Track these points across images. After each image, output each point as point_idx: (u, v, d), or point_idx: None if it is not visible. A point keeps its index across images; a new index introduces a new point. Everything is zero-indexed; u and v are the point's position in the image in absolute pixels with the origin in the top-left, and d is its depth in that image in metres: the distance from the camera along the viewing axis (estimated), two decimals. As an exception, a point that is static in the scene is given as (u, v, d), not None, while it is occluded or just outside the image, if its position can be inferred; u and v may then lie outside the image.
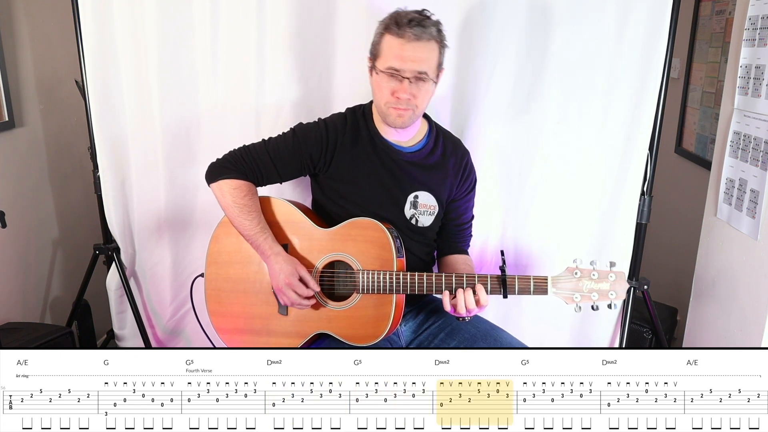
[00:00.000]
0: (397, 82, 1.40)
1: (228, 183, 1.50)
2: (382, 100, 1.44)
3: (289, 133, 1.55)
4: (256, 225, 1.48)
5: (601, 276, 1.33)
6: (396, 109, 1.43)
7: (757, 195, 1.55)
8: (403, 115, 1.44)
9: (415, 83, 1.40)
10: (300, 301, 1.45)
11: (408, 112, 1.44)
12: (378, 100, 1.46)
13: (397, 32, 1.37)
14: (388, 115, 1.45)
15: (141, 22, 1.82)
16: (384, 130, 1.54)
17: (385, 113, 1.46)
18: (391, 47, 1.39)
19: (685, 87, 2.71)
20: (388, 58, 1.40)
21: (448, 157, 1.58)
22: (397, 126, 1.47)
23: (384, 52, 1.41)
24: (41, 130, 2.29)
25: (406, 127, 1.49)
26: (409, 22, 1.36)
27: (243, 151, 1.53)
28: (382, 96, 1.44)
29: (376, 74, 1.44)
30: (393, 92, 1.41)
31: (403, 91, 1.40)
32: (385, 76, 1.41)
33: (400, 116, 1.44)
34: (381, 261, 1.43)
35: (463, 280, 1.38)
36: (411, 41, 1.37)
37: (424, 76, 1.40)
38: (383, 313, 1.43)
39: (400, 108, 1.43)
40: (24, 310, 2.20)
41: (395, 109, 1.43)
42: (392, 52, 1.39)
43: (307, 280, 1.45)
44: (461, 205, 1.63)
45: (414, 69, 1.39)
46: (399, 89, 1.40)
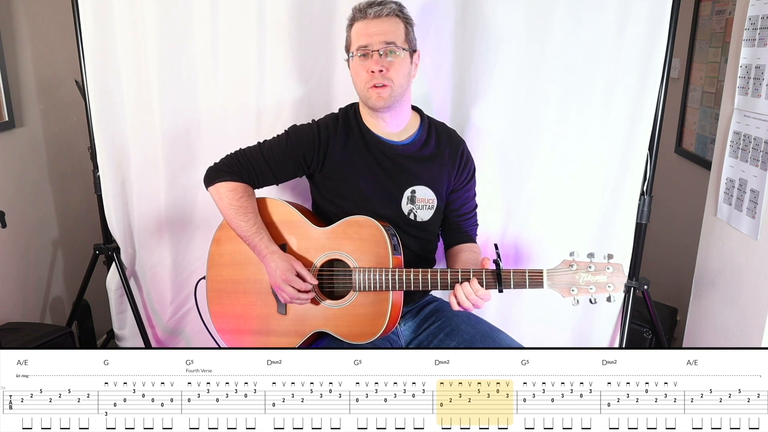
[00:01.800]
0: (368, 58, 1.45)
1: (225, 186, 1.52)
2: (361, 83, 1.48)
3: (283, 135, 1.57)
4: (252, 226, 1.50)
5: (598, 268, 1.31)
6: (374, 88, 1.46)
7: (757, 195, 1.55)
8: (382, 93, 1.46)
9: (385, 56, 1.45)
10: (298, 295, 1.46)
11: (386, 90, 1.46)
12: (358, 86, 1.50)
13: (360, 16, 1.47)
14: (369, 97, 1.48)
15: (141, 22, 1.82)
16: (373, 124, 1.55)
17: (366, 96, 1.48)
18: (358, 30, 1.47)
19: (685, 87, 2.71)
20: (357, 40, 1.47)
21: (442, 147, 1.59)
22: (379, 107, 1.48)
23: (353, 39, 1.48)
24: (41, 130, 2.29)
25: (389, 107, 1.49)
26: (370, 5, 1.46)
27: (239, 154, 1.55)
28: (360, 79, 1.48)
29: (352, 63, 1.49)
30: (367, 69, 1.45)
31: (375, 63, 1.44)
32: (358, 58, 1.46)
33: (379, 96, 1.46)
34: (377, 258, 1.44)
35: (458, 276, 1.38)
36: (373, 19, 1.45)
37: (392, 47, 1.45)
38: (380, 310, 1.43)
39: (377, 86, 1.45)
40: (24, 310, 2.20)
41: (374, 89, 1.46)
42: (359, 33, 1.47)
43: (304, 275, 1.46)
44: (462, 195, 1.63)
45: (380, 40, 1.44)
46: (371, 63, 1.45)
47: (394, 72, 1.45)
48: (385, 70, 1.44)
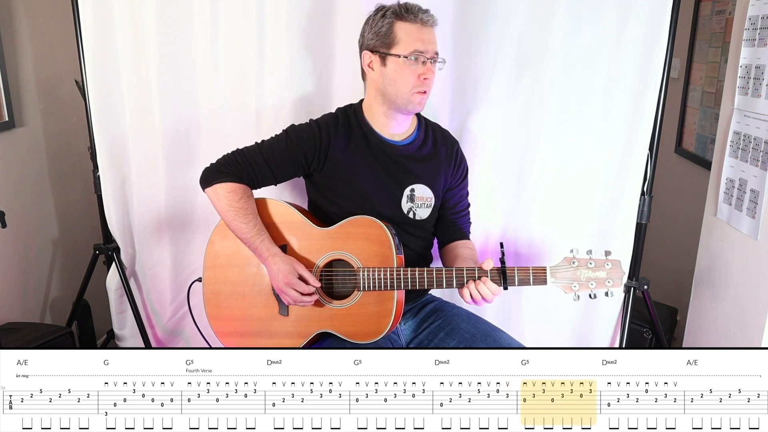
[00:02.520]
0: (421, 64, 1.45)
1: (223, 187, 1.50)
2: (407, 87, 1.47)
3: (282, 135, 1.56)
4: (253, 227, 1.49)
5: (597, 264, 1.35)
6: (420, 93, 1.48)
7: (757, 195, 1.55)
8: (423, 100, 1.50)
9: (432, 65, 1.47)
10: (301, 298, 1.45)
11: (425, 97, 1.50)
12: (401, 88, 1.48)
13: (411, 18, 1.45)
14: (411, 101, 1.49)
15: (141, 22, 1.82)
16: (381, 125, 1.56)
17: (408, 101, 1.49)
18: (410, 32, 1.45)
19: (685, 87, 2.71)
20: (410, 43, 1.45)
21: (439, 147, 1.61)
22: (415, 111, 1.53)
23: (403, 39, 1.45)
24: (41, 130, 2.29)
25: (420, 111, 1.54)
26: (420, 10, 1.46)
27: (237, 155, 1.54)
28: (407, 83, 1.47)
29: (393, 63, 1.47)
30: (419, 75, 1.46)
31: (430, 71, 1.47)
32: (409, 61, 1.45)
33: (421, 102, 1.50)
34: (381, 258, 1.44)
35: (464, 274, 1.39)
36: (426, 26, 1.46)
37: (436, 58, 1.48)
38: (385, 309, 1.44)
39: (421, 92, 1.48)
40: (24, 310, 2.20)
41: (419, 94, 1.48)
42: (412, 36, 1.45)
43: (307, 277, 1.46)
44: (457, 193, 1.65)
45: (433, 50, 1.47)
46: (426, 71, 1.46)
47: (432, 80, 1.49)
48: (429, 79, 1.48)
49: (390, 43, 1.46)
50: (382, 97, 1.52)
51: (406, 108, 1.50)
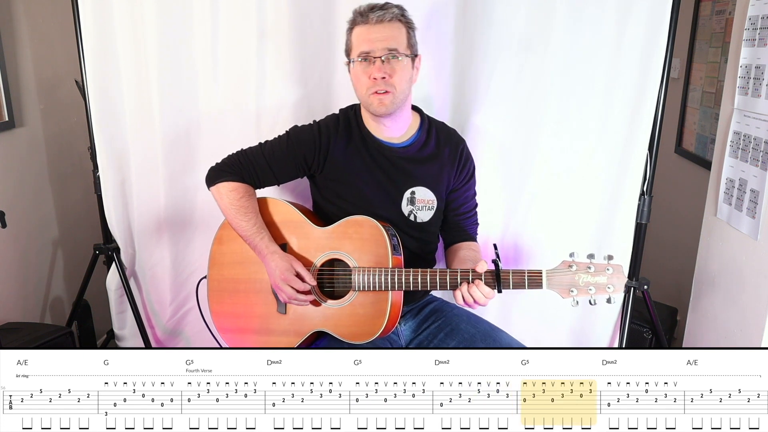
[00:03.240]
0: (370, 64, 1.44)
1: (226, 186, 1.53)
2: (362, 89, 1.47)
3: (284, 136, 1.57)
4: (253, 226, 1.50)
5: (597, 269, 1.31)
6: (376, 94, 1.45)
7: (757, 195, 1.55)
8: (384, 100, 1.45)
9: (388, 62, 1.44)
10: (296, 296, 1.46)
11: (388, 96, 1.45)
12: (359, 91, 1.49)
13: (362, 20, 1.46)
14: (370, 104, 1.47)
15: (141, 22, 1.82)
16: (374, 128, 1.55)
17: (368, 102, 1.48)
18: (359, 35, 1.46)
19: (685, 87, 2.71)
20: (358, 45, 1.45)
21: (442, 147, 1.59)
22: (381, 114, 1.48)
23: (354, 43, 1.47)
24: (41, 130, 2.29)
25: (390, 113, 1.49)
26: (371, 9, 1.45)
27: (240, 155, 1.56)
28: (361, 85, 1.47)
29: (352, 68, 1.48)
30: (369, 75, 1.44)
31: (377, 70, 1.43)
32: (359, 63, 1.45)
33: (381, 102, 1.45)
34: (377, 258, 1.44)
35: (458, 276, 1.38)
36: (375, 24, 1.44)
37: (395, 53, 1.44)
38: (379, 310, 1.43)
39: (379, 92, 1.45)
40: (24, 310, 2.20)
41: (375, 95, 1.45)
42: (361, 38, 1.45)
43: (303, 275, 1.46)
44: (461, 194, 1.64)
45: (383, 47, 1.43)
46: (373, 70, 1.44)
47: (396, 78, 1.44)
48: (387, 77, 1.43)
49: (348, 50, 1.50)
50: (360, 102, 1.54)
51: (369, 110, 1.50)
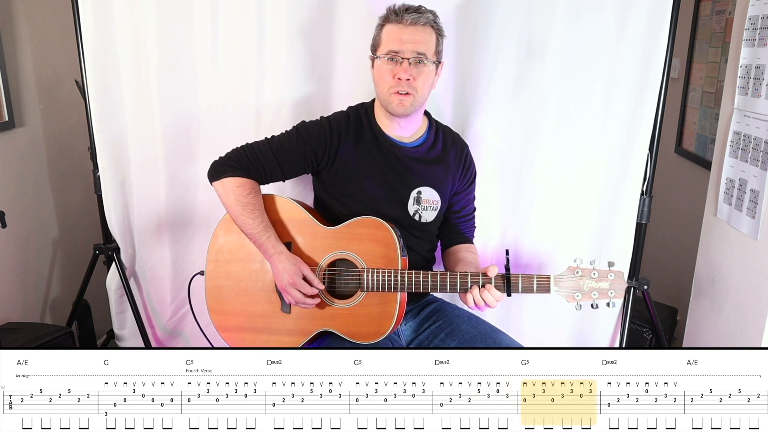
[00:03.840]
0: (397, 64, 1.44)
1: (231, 181, 1.50)
2: (384, 87, 1.47)
3: (292, 131, 1.56)
4: (259, 224, 1.49)
5: (601, 275, 1.37)
6: (397, 94, 1.45)
7: (757, 195, 1.55)
8: (404, 101, 1.46)
9: (415, 65, 1.44)
10: (304, 300, 1.45)
11: (408, 98, 1.46)
12: (380, 88, 1.49)
13: (396, 19, 1.45)
14: (390, 102, 1.47)
15: (141, 22, 1.82)
16: (386, 126, 1.55)
17: (388, 101, 1.48)
18: (390, 33, 1.45)
19: (685, 87, 2.71)
20: (387, 44, 1.45)
21: (448, 150, 1.60)
22: (399, 114, 1.49)
23: (384, 40, 1.46)
24: (41, 130, 2.29)
25: (408, 114, 1.50)
26: (407, 9, 1.45)
27: (246, 149, 1.53)
28: (384, 83, 1.46)
29: (376, 64, 1.48)
30: (394, 74, 1.44)
31: (404, 71, 1.43)
32: (386, 61, 1.45)
33: (401, 103, 1.46)
34: (386, 260, 1.44)
35: (467, 278, 1.40)
36: (409, 25, 1.44)
37: (422, 57, 1.44)
38: (387, 311, 1.44)
39: (401, 93, 1.45)
40: (24, 310, 2.20)
41: (397, 95, 1.45)
42: (391, 36, 1.45)
43: (311, 279, 1.46)
44: (464, 197, 1.65)
45: (413, 50, 1.43)
46: (399, 70, 1.44)
47: (420, 82, 1.45)
48: (412, 79, 1.44)
49: (376, 45, 1.49)
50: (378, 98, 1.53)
51: (387, 109, 1.50)
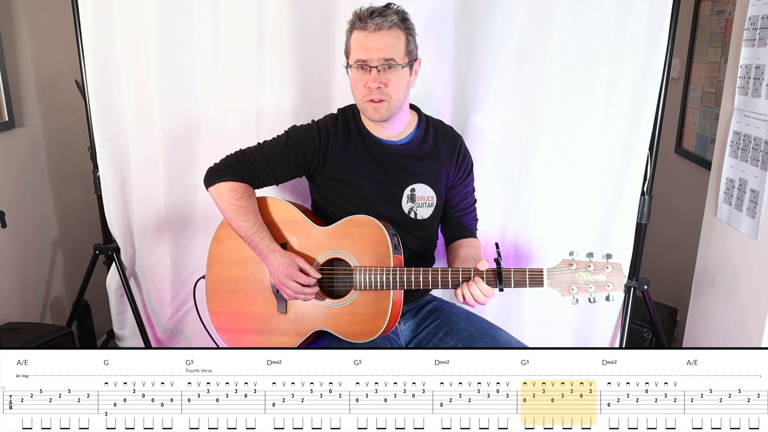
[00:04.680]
0: (367, 72, 1.43)
1: (225, 185, 1.52)
2: (358, 95, 1.47)
3: (283, 136, 1.57)
4: (253, 225, 1.50)
5: (597, 267, 1.32)
6: (371, 102, 1.44)
7: (757, 195, 1.55)
8: (379, 108, 1.45)
9: (384, 72, 1.42)
10: (302, 290, 1.46)
11: (383, 105, 1.45)
12: (355, 96, 1.49)
13: (360, 26, 1.43)
14: (366, 110, 1.47)
15: (141, 23, 1.82)
16: (372, 127, 1.55)
17: (363, 109, 1.48)
18: (357, 41, 1.44)
19: (685, 87, 2.71)
20: (355, 52, 1.44)
21: (440, 144, 1.59)
22: (376, 120, 1.48)
23: (352, 49, 1.45)
24: (41, 130, 2.29)
25: (385, 120, 1.49)
26: (371, 14, 1.41)
27: (239, 155, 1.56)
28: (358, 91, 1.47)
29: (350, 73, 1.47)
30: (364, 84, 1.44)
31: (372, 80, 1.42)
32: (356, 70, 1.44)
33: (376, 110, 1.45)
34: (378, 258, 1.44)
35: (459, 275, 1.39)
36: (373, 31, 1.41)
37: (392, 63, 1.42)
38: (381, 309, 1.44)
39: (374, 101, 1.44)
40: (24, 310, 2.20)
41: (370, 103, 1.45)
42: (359, 44, 1.43)
43: (307, 269, 1.46)
44: (461, 190, 1.64)
45: (380, 57, 1.41)
46: (368, 79, 1.43)
47: (392, 87, 1.44)
48: (383, 86, 1.43)
49: (348, 53, 1.48)
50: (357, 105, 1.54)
51: (365, 116, 1.50)
